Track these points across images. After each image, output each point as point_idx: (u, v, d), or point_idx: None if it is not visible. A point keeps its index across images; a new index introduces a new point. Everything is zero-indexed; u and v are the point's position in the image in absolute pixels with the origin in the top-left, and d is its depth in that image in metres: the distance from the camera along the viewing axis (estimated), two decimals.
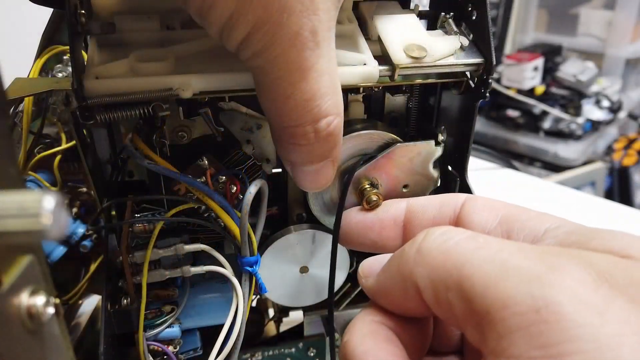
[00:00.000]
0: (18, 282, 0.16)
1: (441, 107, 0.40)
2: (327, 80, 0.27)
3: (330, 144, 0.29)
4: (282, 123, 0.28)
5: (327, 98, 0.27)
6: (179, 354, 0.37)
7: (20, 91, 0.36)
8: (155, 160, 0.33)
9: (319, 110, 0.27)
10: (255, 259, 0.34)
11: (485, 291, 0.20)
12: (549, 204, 0.90)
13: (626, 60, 1.73)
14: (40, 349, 0.18)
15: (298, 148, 0.29)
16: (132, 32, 0.32)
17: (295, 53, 0.26)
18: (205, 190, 0.33)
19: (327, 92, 0.27)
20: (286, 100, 0.27)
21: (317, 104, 0.27)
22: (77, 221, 0.45)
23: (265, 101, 0.28)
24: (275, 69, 0.26)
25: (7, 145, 0.17)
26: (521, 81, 1.65)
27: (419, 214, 0.31)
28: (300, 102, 0.27)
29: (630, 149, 1.66)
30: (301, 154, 0.29)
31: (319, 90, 0.27)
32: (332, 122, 0.28)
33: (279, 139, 0.29)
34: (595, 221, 0.85)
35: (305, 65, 0.26)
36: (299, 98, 0.27)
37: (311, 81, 0.27)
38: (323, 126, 0.28)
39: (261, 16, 0.24)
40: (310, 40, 0.26)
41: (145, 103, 0.30)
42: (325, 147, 0.29)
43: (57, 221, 0.13)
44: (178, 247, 0.34)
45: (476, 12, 0.34)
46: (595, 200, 0.96)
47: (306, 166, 0.30)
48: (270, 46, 0.25)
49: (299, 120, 0.27)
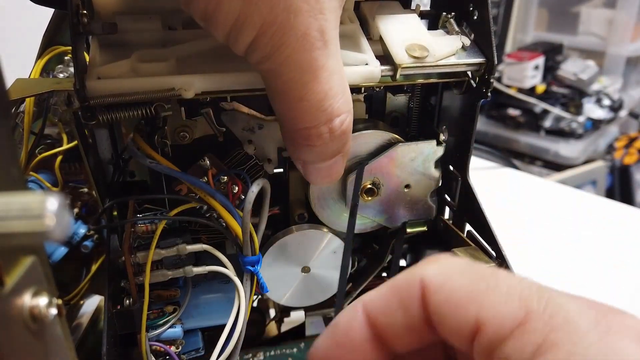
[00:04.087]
0: (21, 283, 0.16)
1: (442, 106, 0.40)
2: (337, 79, 0.27)
3: (343, 140, 0.29)
4: (295, 125, 0.28)
5: (339, 97, 0.27)
6: (181, 354, 0.37)
7: (22, 92, 0.36)
8: (157, 160, 0.33)
9: (332, 109, 0.27)
10: (257, 258, 0.34)
11: None
12: (549, 204, 0.90)
13: (627, 59, 1.72)
14: (43, 350, 0.18)
15: (312, 148, 0.29)
16: (134, 32, 0.32)
17: (305, 54, 0.25)
18: (207, 189, 0.33)
19: (338, 91, 0.27)
20: (299, 102, 0.27)
21: (329, 103, 0.27)
22: (79, 222, 0.45)
23: (277, 104, 0.28)
24: (286, 70, 0.26)
25: (9, 146, 0.17)
26: (522, 80, 1.65)
27: (385, 326, 0.21)
28: (314, 103, 0.27)
29: (631, 148, 1.66)
30: (315, 154, 0.29)
31: (330, 89, 0.27)
32: (345, 120, 0.28)
33: (293, 141, 0.29)
34: (596, 220, 0.85)
35: (315, 65, 0.26)
36: (312, 99, 0.27)
37: (322, 81, 0.26)
38: (337, 125, 0.28)
39: (267, 18, 0.24)
40: (318, 40, 0.25)
41: (147, 103, 0.30)
42: (339, 144, 0.29)
43: (60, 222, 0.13)
44: (180, 247, 0.34)
45: (477, 12, 0.34)
46: (596, 199, 0.96)
47: (319, 164, 0.30)
48: (279, 48, 0.25)
49: (314, 122, 0.27)
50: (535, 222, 0.83)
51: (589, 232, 0.81)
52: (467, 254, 0.36)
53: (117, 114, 0.30)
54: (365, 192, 0.37)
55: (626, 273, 0.72)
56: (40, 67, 0.43)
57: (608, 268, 0.73)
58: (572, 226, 0.83)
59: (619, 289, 0.69)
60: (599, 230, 0.82)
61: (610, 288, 0.69)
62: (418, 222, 0.41)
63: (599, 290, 0.69)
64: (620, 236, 0.81)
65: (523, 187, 0.99)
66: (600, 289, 0.69)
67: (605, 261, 0.74)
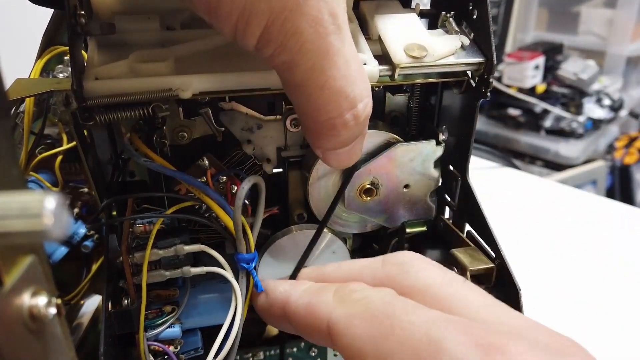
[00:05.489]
0: (20, 282, 0.16)
1: (442, 106, 0.40)
2: (354, 63, 0.26)
3: (365, 124, 0.28)
4: (319, 117, 0.27)
5: (359, 82, 0.26)
6: (180, 354, 0.37)
7: (22, 92, 0.36)
8: (153, 159, 0.33)
9: (355, 95, 0.26)
10: (252, 256, 0.34)
11: None
12: (549, 204, 0.90)
13: (627, 59, 1.72)
14: (42, 350, 0.18)
15: (337, 138, 0.28)
16: (132, 32, 0.32)
17: (320, 39, 0.24)
18: (199, 185, 0.33)
19: (357, 77, 0.26)
20: (321, 92, 0.26)
21: (351, 89, 0.26)
22: (79, 222, 0.45)
23: (298, 97, 0.27)
24: (304, 59, 0.25)
25: (8, 146, 0.17)
26: (522, 80, 1.65)
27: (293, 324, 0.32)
28: (336, 90, 0.26)
29: (631, 148, 1.66)
30: (339, 142, 0.28)
31: (350, 75, 0.26)
32: (367, 105, 0.27)
33: (317, 133, 0.28)
34: (597, 220, 0.85)
35: (332, 51, 0.25)
36: (334, 86, 0.26)
37: (342, 67, 0.25)
38: (360, 110, 0.27)
39: (276, 5, 0.23)
40: (331, 24, 0.24)
41: (145, 103, 0.30)
42: (361, 129, 0.28)
43: (58, 221, 0.13)
44: (178, 247, 0.34)
45: (477, 11, 0.34)
46: (596, 198, 0.96)
47: (340, 149, 0.29)
48: (293, 36, 0.24)
49: (338, 110, 0.26)
50: (535, 222, 0.83)
51: (589, 232, 0.81)
52: (466, 255, 0.36)
53: (115, 115, 0.30)
54: (364, 192, 0.37)
55: (626, 273, 0.72)
56: (40, 67, 0.43)
57: (608, 268, 0.73)
58: (572, 226, 0.83)
59: (619, 289, 0.69)
60: (599, 230, 0.82)
61: (610, 288, 0.69)
62: (418, 222, 0.41)
63: (600, 290, 0.69)
64: (620, 236, 0.81)
65: (523, 187, 0.99)
66: (600, 289, 0.69)
67: (606, 261, 0.74)
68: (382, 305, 0.26)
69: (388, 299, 0.27)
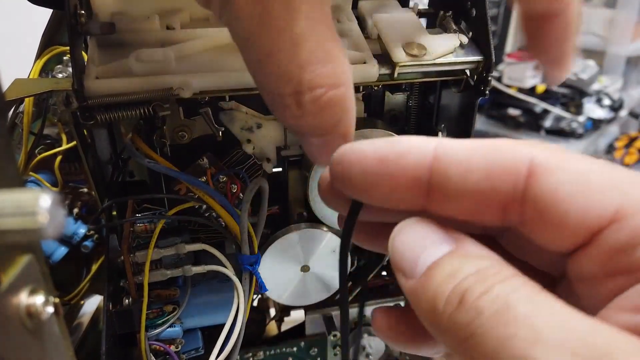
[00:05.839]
0: (17, 281, 0.16)
1: (441, 105, 0.40)
2: (312, 45, 0.23)
3: (328, 117, 0.24)
4: (262, 91, 0.24)
5: (317, 65, 0.23)
6: (181, 354, 0.37)
7: (21, 92, 0.36)
8: (155, 160, 0.33)
9: (301, 79, 0.23)
10: (256, 257, 0.34)
11: None
12: None
13: (627, 59, 1.72)
14: (40, 349, 0.18)
15: (284, 118, 0.25)
16: (132, 32, 0.32)
17: (255, 6, 0.21)
18: (206, 188, 0.33)
19: (311, 61, 0.23)
20: (259, 67, 0.23)
21: (298, 72, 0.23)
22: (79, 222, 0.45)
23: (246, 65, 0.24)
24: (239, 28, 0.22)
25: (5, 145, 0.17)
26: (522, 80, 1.65)
27: (453, 182, 0.19)
28: (273, 69, 0.23)
29: (631, 147, 1.66)
30: (292, 125, 0.25)
31: (297, 55, 0.22)
32: (322, 95, 0.23)
33: (266, 102, 0.25)
34: None
35: (274, 24, 0.22)
36: (271, 63, 0.23)
37: (286, 43, 0.22)
38: (308, 99, 0.23)
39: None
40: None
41: (146, 103, 0.30)
42: (321, 121, 0.24)
43: (53, 219, 0.13)
44: (179, 246, 0.34)
45: (475, 10, 0.34)
46: None
47: (309, 138, 0.25)
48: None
49: (276, 89, 0.23)
50: None
51: None
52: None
53: (116, 114, 0.30)
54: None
55: None
56: (39, 67, 0.43)
57: None
58: None
59: None
60: None
61: None
62: None
63: None
64: None
65: None
66: None
67: None
68: None
69: None
